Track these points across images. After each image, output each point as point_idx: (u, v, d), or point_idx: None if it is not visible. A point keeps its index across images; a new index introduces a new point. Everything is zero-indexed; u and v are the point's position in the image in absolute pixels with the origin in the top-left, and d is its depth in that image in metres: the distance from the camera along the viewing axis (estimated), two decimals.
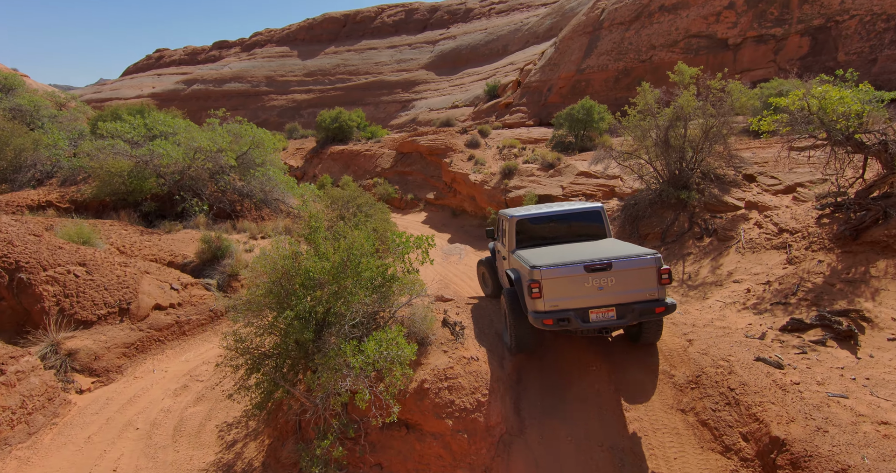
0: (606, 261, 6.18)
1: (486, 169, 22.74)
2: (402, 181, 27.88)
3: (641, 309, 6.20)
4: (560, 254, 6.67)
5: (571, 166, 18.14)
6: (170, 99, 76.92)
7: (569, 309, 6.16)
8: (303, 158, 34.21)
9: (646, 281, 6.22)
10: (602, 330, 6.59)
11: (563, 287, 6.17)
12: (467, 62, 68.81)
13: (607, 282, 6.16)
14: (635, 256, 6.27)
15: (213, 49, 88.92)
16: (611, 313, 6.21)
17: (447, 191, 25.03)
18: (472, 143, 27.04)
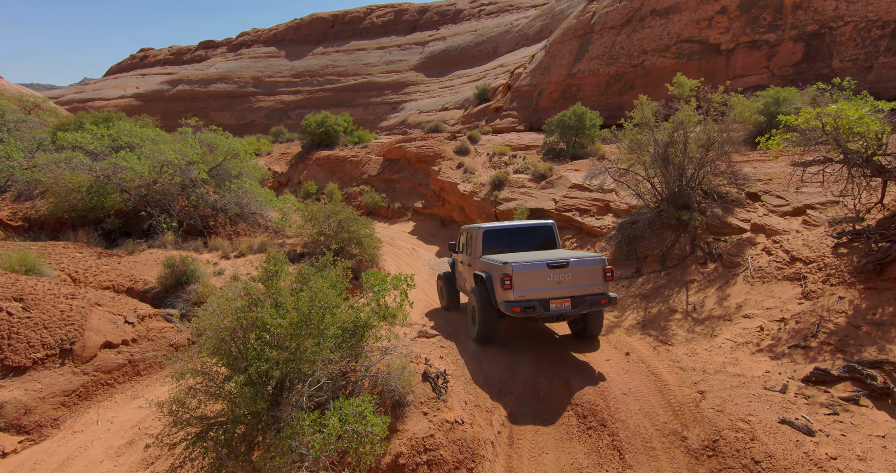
0: (565, 260, 7.60)
1: (475, 178, 21.82)
2: (389, 189, 26.87)
3: (591, 300, 7.56)
4: (524, 256, 8.18)
5: (564, 178, 17.26)
6: (154, 99, 74.99)
7: (534, 299, 7.45)
8: (288, 164, 33.04)
9: (594, 277, 7.64)
10: (559, 316, 7.90)
11: (530, 280, 7.46)
12: (457, 64, 67.86)
13: (565, 278, 7.51)
14: (587, 257, 7.79)
15: (199, 49, 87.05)
16: (567, 303, 7.52)
17: (435, 199, 24.08)
18: (462, 150, 26.11)
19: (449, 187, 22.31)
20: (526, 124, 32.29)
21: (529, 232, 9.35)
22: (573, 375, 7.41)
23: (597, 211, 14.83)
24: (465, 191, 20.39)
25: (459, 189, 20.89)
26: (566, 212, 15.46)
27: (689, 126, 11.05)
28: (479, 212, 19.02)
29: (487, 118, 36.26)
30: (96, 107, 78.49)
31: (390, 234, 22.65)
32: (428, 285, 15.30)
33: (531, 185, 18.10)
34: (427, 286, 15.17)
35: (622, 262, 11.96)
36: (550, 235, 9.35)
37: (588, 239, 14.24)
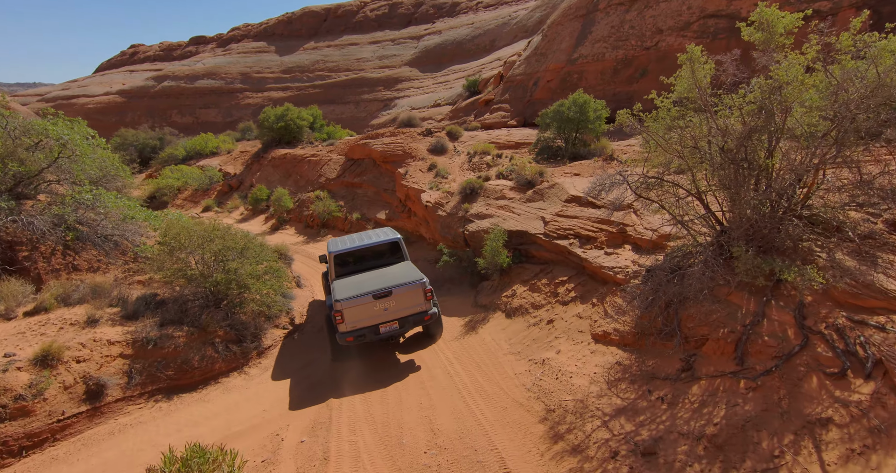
0: (388, 289, 8.12)
1: (446, 184, 16.37)
2: (349, 195, 21.45)
3: (415, 319, 8.36)
4: (360, 285, 8.43)
5: (558, 187, 11.74)
6: (138, 96, 69.91)
7: (364, 327, 8.02)
8: (244, 164, 27.73)
9: (417, 298, 8.30)
10: (390, 338, 8.49)
11: (359, 312, 7.96)
12: (452, 58, 62.24)
13: (390, 304, 8.11)
14: (408, 282, 8.27)
15: (189, 45, 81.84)
16: (395, 325, 8.20)
17: (401, 210, 18.67)
18: (438, 148, 20.65)
19: (414, 195, 16.90)
20: (519, 118, 26.75)
21: (378, 250, 9.68)
22: None
23: (606, 240, 9.34)
24: (428, 201, 14.95)
25: (423, 198, 15.45)
26: (560, 240, 10.01)
27: (794, 95, 5.56)
28: (443, 231, 13.61)
29: (477, 112, 30.73)
30: (80, 104, 73.64)
31: None
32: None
33: (514, 196, 12.63)
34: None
35: (654, 342, 6.56)
36: (398, 250, 9.81)
37: (594, 285, 8.79)
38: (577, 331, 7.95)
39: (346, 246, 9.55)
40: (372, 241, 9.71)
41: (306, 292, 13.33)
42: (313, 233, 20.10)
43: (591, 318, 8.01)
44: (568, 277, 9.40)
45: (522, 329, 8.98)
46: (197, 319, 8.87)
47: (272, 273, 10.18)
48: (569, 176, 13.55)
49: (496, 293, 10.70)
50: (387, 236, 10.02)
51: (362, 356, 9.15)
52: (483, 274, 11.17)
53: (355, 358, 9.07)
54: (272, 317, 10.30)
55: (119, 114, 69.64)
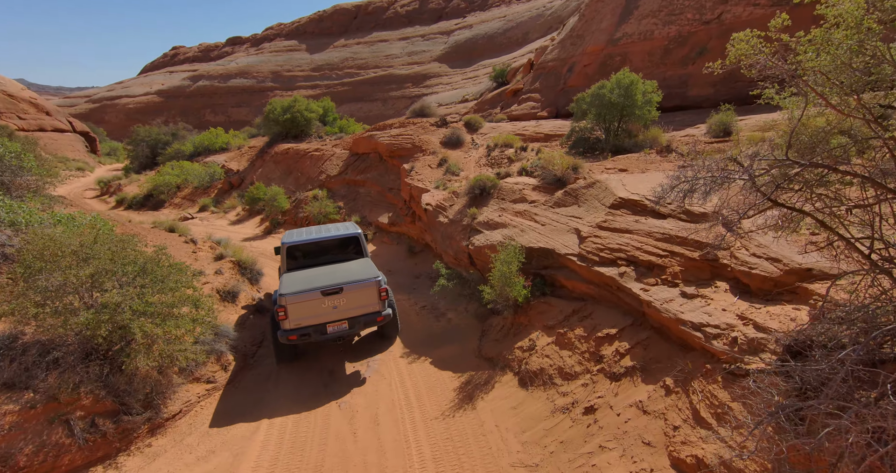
0: (339, 286, 7.13)
1: (455, 182, 12.87)
2: (350, 195, 18.27)
3: (366, 320, 7.37)
4: (309, 279, 7.39)
5: (600, 186, 7.95)
6: (175, 95, 69.71)
7: (308, 325, 7.03)
8: (249, 160, 25.09)
9: (370, 298, 7.32)
10: (338, 338, 7.47)
11: (304, 309, 6.97)
12: (483, 53, 58.48)
13: (340, 302, 7.13)
14: (361, 280, 7.27)
15: (226, 45, 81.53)
16: (344, 325, 7.22)
17: (406, 212, 15.32)
18: (453, 141, 17.16)
19: (417, 195, 13.50)
20: (550, 109, 22.87)
21: (335, 244, 8.62)
22: None
23: (683, 271, 5.60)
24: (428, 204, 11.48)
25: (423, 199, 12.00)
26: (605, 266, 6.33)
27: None
28: (443, 243, 10.12)
29: (503, 104, 27.00)
30: (122, 104, 74.34)
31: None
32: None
33: (537, 198, 8.98)
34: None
35: None
36: (357, 247, 8.73)
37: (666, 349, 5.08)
38: (641, 442, 4.33)
39: (300, 238, 8.56)
40: (330, 234, 8.76)
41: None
42: None
43: (664, 418, 4.38)
44: (619, 330, 5.73)
45: (544, 414, 5.42)
46: (61, 379, 5.80)
47: (202, 304, 7.00)
48: (612, 172, 9.79)
49: (507, 340, 7.15)
50: (347, 230, 9.00)
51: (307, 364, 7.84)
52: (491, 308, 7.64)
53: (299, 364, 7.92)
54: (189, 369, 7.13)
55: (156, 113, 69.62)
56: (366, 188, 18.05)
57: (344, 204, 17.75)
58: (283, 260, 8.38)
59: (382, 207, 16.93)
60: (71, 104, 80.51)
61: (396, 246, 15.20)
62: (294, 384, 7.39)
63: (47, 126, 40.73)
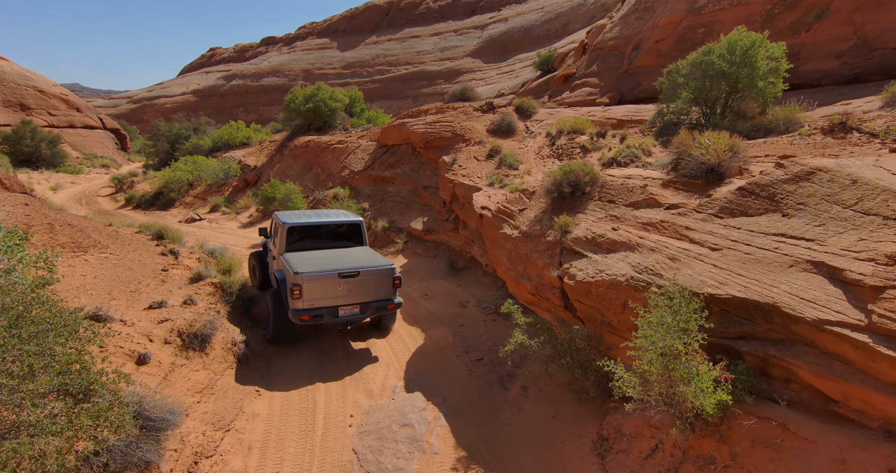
0: (356, 270, 6.89)
1: (515, 178, 9.20)
2: (377, 194, 14.81)
3: (378, 305, 7.15)
4: (320, 261, 7.11)
5: (837, 176, 4.12)
6: (209, 95, 68.51)
7: (322, 307, 6.75)
8: (268, 155, 22.08)
9: (383, 284, 7.12)
10: (348, 322, 7.14)
11: (320, 289, 6.70)
12: (519, 47, 54.40)
13: (355, 286, 6.88)
14: (377, 266, 7.07)
15: (260, 45, 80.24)
16: (355, 309, 6.98)
17: (446, 217, 11.74)
18: (503, 128, 13.49)
19: (463, 195, 9.88)
20: (613, 95, 18.83)
21: (337, 229, 8.35)
22: None
23: None
24: (485, 207, 7.76)
25: (477, 201, 8.33)
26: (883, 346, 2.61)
27: None
28: (514, 270, 6.43)
29: (552, 92, 23.07)
30: (160, 104, 73.75)
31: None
32: None
33: (678, 201, 5.23)
34: None
35: None
36: (358, 232, 8.43)
37: None
38: None
39: (302, 220, 8.00)
40: (332, 219, 8.26)
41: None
42: None
43: None
44: None
45: None
46: None
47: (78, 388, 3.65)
48: (771, 160, 5.89)
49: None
50: (347, 217, 8.50)
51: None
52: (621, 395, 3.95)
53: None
54: None
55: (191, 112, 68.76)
56: (395, 186, 14.57)
57: (369, 205, 14.32)
58: (281, 240, 7.86)
59: (415, 209, 13.41)
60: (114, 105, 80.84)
61: (433, 259, 11.63)
62: None
63: (77, 122, 39.24)
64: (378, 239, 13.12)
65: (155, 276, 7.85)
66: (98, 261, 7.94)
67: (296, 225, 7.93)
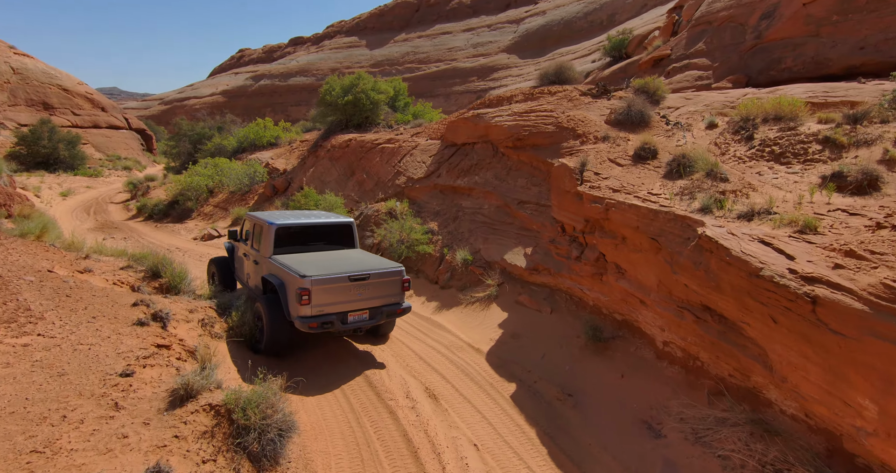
0: (367, 273, 6.22)
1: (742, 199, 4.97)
2: (447, 210, 10.65)
3: (387, 310, 6.44)
4: (324, 264, 6.40)
5: None
6: (238, 95, 65.75)
7: (332, 313, 6.05)
8: (299, 157, 18.21)
9: (393, 288, 6.47)
10: (357, 329, 6.51)
11: (329, 295, 6.01)
12: (559, 41, 49.58)
13: (365, 290, 6.22)
14: (387, 268, 6.41)
15: (288, 46, 77.32)
16: (364, 315, 6.31)
17: (570, 250, 7.53)
18: (631, 118, 9.13)
19: (631, 224, 5.65)
20: (736, 78, 14.18)
21: (327, 231, 7.46)
22: None
23: None
24: (812, 278, 3.51)
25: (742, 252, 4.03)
26: None
27: None
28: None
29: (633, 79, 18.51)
30: (190, 104, 71.38)
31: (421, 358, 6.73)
32: None
33: None
34: None
35: None
36: (349, 233, 7.61)
37: None
38: None
39: (289, 221, 7.07)
40: (322, 220, 7.40)
41: None
42: None
43: None
44: None
45: None
46: None
47: None
48: None
49: None
50: (338, 218, 7.68)
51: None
52: None
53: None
54: None
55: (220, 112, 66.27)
56: (473, 199, 10.37)
57: (439, 226, 10.15)
58: (268, 241, 6.79)
59: (507, 235, 9.18)
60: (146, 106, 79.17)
61: (551, 317, 7.38)
62: None
63: (102, 122, 36.35)
64: (457, 277, 8.97)
65: (102, 397, 3.90)
66: (4, 360, 4.09)
67: (284, 225, 7.01)
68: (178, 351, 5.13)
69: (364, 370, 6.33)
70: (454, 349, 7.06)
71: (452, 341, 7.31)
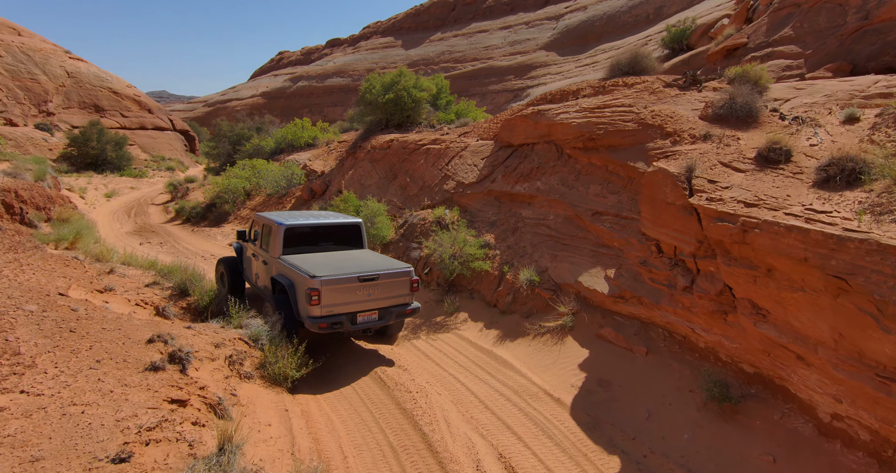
0: (376, 274, 6.16)
1: None
2: (504, 220, 9.25)
3: (397, 311, 6.40)
4: (333, 264, 6.33)
5: None
6: (277, 97, 66.53)
7: (342, 313, 5.99)
8: (338, 158, 17.25)
9: (402, 289, 6.41)
10: (367, 330, 6.57)
11: (339, 295, 5.95)
12: (601, 36, 47.08)
13: (374, 291, 6.17)
14: (396, 269, 6.34)
15: (325, 47, 77.88)
16: (374, 315, 6.26)
17: (669, 276, 6.03)
18: (735, 111, 7.45)
19: (798, 253, 4.06)
20: (838, 65, 12.02)
21: (336, 232, 7.40)
22: None
23: None
24: None
25: None
26: None
27: None
28: None
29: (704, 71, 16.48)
30: (231, 106, 72.88)
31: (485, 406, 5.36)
32: None
33: None
34: None
35: None
36: (358, 234, 7.53)
37: None
38: None
39: (298, 221, 7.02)
40: (331, 220, 7.35)
41: None
42: (431, 307, 8.35)
43: None
44: None
45: None
46: None
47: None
48: None
49: None
50: (347, 218, 7.62)
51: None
52: None
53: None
54: None
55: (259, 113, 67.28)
56: (535, 208, 8.92)
57: (495, 239, 8.76)
58: (276, 242, 6.73)
59: (581, 251, 7.69)
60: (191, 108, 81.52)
61: (648, 360, 5.86)
62: None
63: (148, 124, 37.01)
64: (521, 300, 7.56)
65: None
66: None
67: (294, 226, 6.88)
68: (195, 408, 3.99)
69: (419, 421, 5.03)
70: (527, 396, 5.68)
71: (523, 384, 5.92)
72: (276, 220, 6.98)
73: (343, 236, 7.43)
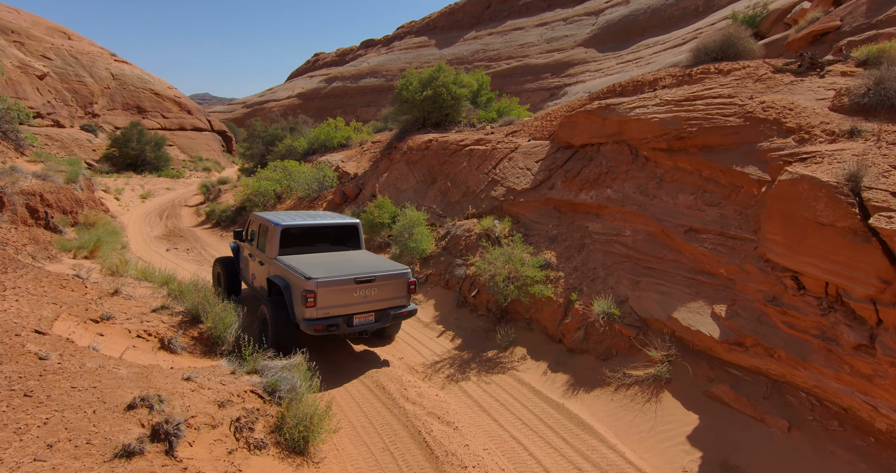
0: (372, 275, 6.04)
1: None
2: (566, 234, 7.73)
3: (393, 313, 6.24)
4: (329, 265, 6.20)
5: None
6: (312, 97, 66.82)
7: (337, 315, 5.88)
8: (371, 160, 16.10)
9: (399, 290, 6.28)
10: (363, 332, 6.41)
11: (335, 297, 5.84)
12: (645, 31, 44.27)
13: (370, 292, 6.06)
14: (393, 271, 6.20)
15: (360, 48, 77.78)
16: (370, 317, 6.15)
17: (816, 315, 4.35)
18: (881, 102, 5.71)
19: None
20: None
21: (333, 232, 7.24)
22: None
23: None
24: None
25: None
26: None
27: None
28: None
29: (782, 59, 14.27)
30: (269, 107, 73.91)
31: None
32: None
33: None
34: None
35: None
36: (355, 234, 7.36)
37: None
38: None
39: (295, 222, 6.86)
40: (327, 221, 7.19)
41: None
42: (479, 337, 6.97)
43: None
44: None
45: None
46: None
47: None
48: None
49: None
50: (344, 219, 7.40)
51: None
52: None
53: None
54: None
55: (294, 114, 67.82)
56: (606, 221, 7.33)
57: (557, 257, 7.25)
58: (272, 243, 6.57)
59: (674, 278, 6.07)
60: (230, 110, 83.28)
61: (793, 438, 4.22)
62: None
63: (187, 124, 37.32)
64: (595, 337, 6.02)
65: None
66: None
67: (290, 226, 6.72)
68: None
69: None
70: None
71: (613, 462, 4.40)
72: (273, 220, 6.84)
73: (340, 237, 7.27)
